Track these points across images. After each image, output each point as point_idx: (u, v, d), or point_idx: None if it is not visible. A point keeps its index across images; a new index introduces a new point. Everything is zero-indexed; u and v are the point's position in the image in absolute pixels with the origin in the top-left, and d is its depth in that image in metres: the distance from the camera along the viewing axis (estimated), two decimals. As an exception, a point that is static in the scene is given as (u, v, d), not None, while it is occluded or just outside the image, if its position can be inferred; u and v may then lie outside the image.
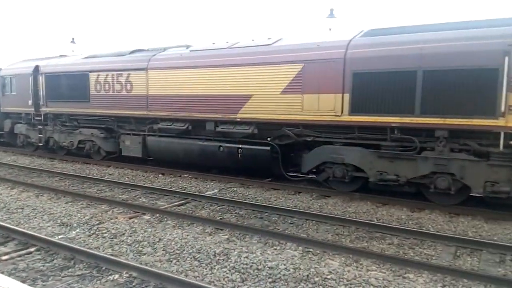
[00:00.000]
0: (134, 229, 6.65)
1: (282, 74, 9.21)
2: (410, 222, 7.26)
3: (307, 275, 4.95)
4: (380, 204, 8.44)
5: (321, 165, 9.27)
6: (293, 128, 9.47)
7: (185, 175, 11.26)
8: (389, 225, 6.98)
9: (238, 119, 10.01)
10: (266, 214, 7.79)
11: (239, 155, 10.09)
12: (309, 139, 9.29)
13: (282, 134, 9.70)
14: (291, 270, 5.09)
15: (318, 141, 9.20)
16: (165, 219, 7.38)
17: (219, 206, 8.32)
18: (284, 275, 4.95)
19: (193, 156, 11.05)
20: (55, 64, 14.25)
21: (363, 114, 8.33)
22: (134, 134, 12.29)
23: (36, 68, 14.41)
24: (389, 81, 8.00)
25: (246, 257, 5.51)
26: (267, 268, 5.13)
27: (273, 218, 7.55)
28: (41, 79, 14.23)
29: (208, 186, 10.15)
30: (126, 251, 5.75)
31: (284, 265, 5.24)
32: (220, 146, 10.38)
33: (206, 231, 6.76)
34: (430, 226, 7.05)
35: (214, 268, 5.15)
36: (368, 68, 8.22)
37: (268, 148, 9.73)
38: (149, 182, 10.61)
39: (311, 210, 8.04)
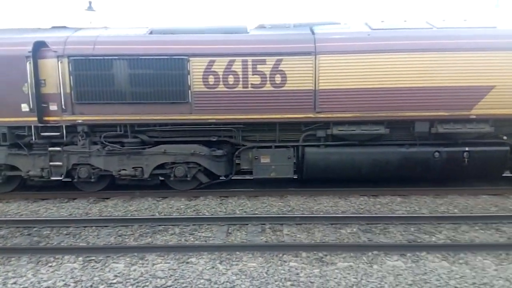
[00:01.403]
0: None
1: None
2: (188, 210, 7.82)
3: (91, 285, 4.70)
4: (160, 198, 8.71)
5: None
6: None
7: None
8: (170, 217, 7.33)
9: (474, 116, 8.11)
10: (35, 229, 6.86)
11: (466, 160, 8.29)
12: None
13: None
14: (72, 284, 4.72)
15: None
16: None
17: (-33, 230, 6.79)
18: (63, 292, 4.54)
19: (387, 169, 8.55)
20: (98, 39, 8.38)
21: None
22: (277, 147, 8.65)
23: (40, 45, 8.31)
24: None
25: (15, 282, 4.77)
26: (43, 289, 4.58)
27: (45, 232, 6.73)
28: (61, 65, 8.27)
29: None
30: None
31: (63, 281, 4.81)
32: (436, 151, 8.32)
33: (-48, 264, 5.43)
34: (205, 211, 7.80)
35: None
36: None
37: (507, 148, 8.34)
38: None
39: (89, 215, 7.58)
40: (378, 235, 6.43)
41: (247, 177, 9.46)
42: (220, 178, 9.13)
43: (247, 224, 6.96)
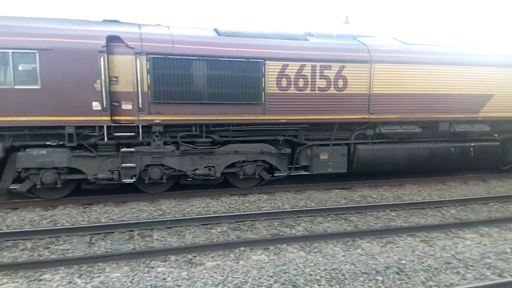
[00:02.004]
0: None
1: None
2: (44, 222, 7.04)
3: None
4: (10, 210, 7.66)
5: None
6: None
7: None
8: (21, 230, 6.48)
9: (480, 118, 10.15)
10: None
11: (472, 153, 10.27)
12: None
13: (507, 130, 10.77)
14: None
15: None
16: None
17: None
18: None
19: (418, 162, 10.11)
20: (179, 40, 8.08)
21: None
22: (335, 145, 9.45)
23: (112, 39, 7.59)
24: None
25: None
26: None
27: None
28: (135, 63, 7.68)
29: None
30: None
31: None
32: (453, 146, 10.20)
33: None
34: (64, 221, 7.11)
35: None
36: None
37: (498, 143, 10.61)
38: None
39: None
40: (246, 232, 6.74)
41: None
42: (275, 175, 9.74)
43: (113, 232, 6.58)
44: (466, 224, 7.07)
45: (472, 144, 10.39)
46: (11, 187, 8.31)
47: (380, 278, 4.97)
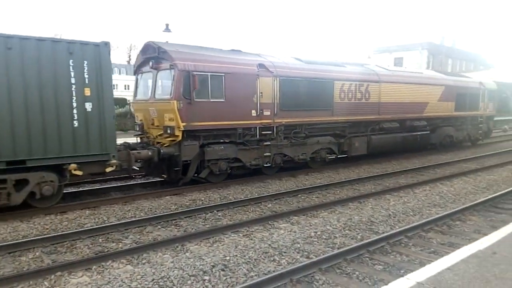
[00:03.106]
0: None
1: (435, 90, 16.70)
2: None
3: None
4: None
5: None
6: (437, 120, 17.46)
7: None
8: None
9: (424, 116, 16.24)
10: None
11: (418, 139, 16.10)
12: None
13: (434, 123, 17.30)
14: None
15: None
16: None
17: None
18: None
19: (397, 145, 15.38)
20: (293, 66, 12.01)
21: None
22: (360, 136, 13.97)
23: (261, 66, 10.96)
24: None
25: None
26: None
27: None
28: (273, 83, 11.16)
29: None
30: None
31: None
32: (411, 135, 15.81)
33: None
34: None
35: None
36: None
37: (429, 132, 16.74)
38: None
39: None
40: (64, 254, 6.09)
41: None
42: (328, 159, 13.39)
43: None
44: (280, 215, 8.01)
45: (418, 133, 16.06)
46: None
47: (207, 277, 5.18)
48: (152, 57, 10.27)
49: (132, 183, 11.03)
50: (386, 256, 5.99)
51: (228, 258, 5.81)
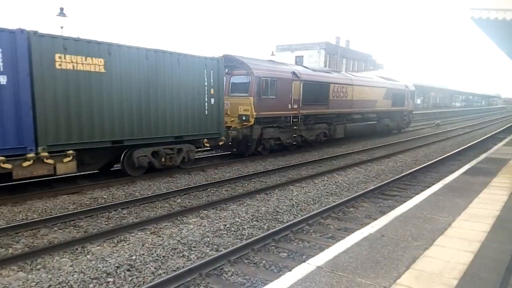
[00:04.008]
0: None
1: (381, 91, 22.81)
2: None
3: None
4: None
5: None
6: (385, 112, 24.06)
7: None
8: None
9: (374, 110, 22.09)
10: None
11: (371, 127, 22.19)
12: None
13: (380, 116, 23.29)
14: None
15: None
16: None
17: None
18: None
19: (359, 131, 20.95)
20: (309, 73, 17.18)
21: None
22: (339, 124, 19.00)
23: (293, 73, 15.80)
24: None
25: None
26: None
27: None
28: (299, 85, 15.95)
29: None
30: None
31: None
32: (369, 123, 21.82)
33: None
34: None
35: None
36: None
37: (376, 122, 22.83)
38: None
39: None
40: None
41: None
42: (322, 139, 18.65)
43: None
44: (189, 210, 7.96)
45: (371, 123, 21.96)
46: None
47: (111, 279, 4.95)
48: (228, 65, 14.01)
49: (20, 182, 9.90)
50: (290, 244, 6.35)
51: (134, 257, 5.61)
